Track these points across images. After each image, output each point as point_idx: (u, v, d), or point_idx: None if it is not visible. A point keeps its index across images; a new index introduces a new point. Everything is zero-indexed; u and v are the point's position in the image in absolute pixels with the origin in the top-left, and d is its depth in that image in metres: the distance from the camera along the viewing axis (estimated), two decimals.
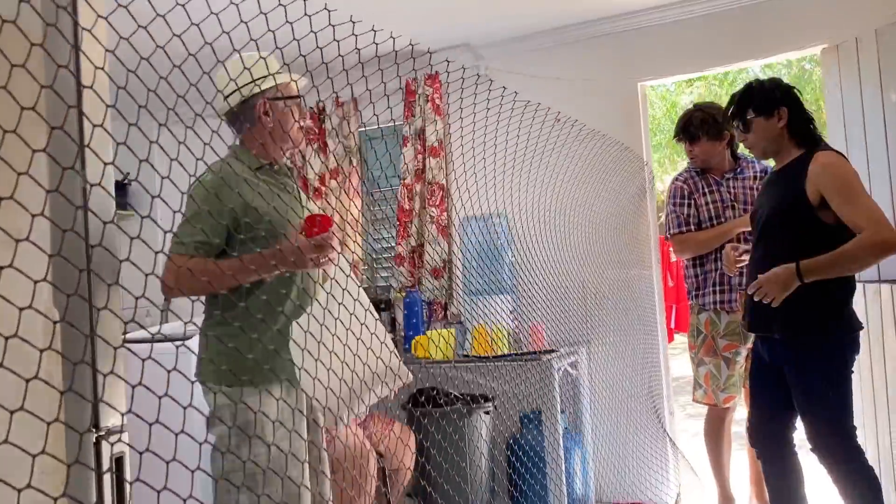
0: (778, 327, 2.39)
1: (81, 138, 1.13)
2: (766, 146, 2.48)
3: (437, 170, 3.96)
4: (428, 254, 3.98)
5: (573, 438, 3.50)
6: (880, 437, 2.93)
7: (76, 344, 1.08)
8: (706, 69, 3.65)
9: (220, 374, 1.84)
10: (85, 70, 1.11)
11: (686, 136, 3.17)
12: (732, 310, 3.09)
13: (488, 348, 3.11)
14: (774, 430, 2.50)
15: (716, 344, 3.12)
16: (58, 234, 1.02)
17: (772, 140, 2.45)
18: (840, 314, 2.33)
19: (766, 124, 2.44)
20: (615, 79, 3.66)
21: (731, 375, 3.09)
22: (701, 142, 3.13)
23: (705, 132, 3.10)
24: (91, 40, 1.08)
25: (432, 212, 3.96)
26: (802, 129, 2.43)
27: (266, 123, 1.99)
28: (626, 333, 3.62)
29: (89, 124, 1.12)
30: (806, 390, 2.34)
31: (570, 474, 3.35)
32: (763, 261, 2.45)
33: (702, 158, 3.16)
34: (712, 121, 3.10)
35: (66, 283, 1.04)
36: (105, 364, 1.15)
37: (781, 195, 2.43)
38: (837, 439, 2.31)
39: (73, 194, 1.10)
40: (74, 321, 1.06)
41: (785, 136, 2.44)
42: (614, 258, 3.59)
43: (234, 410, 1.84)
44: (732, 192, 3.12)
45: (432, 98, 3.96)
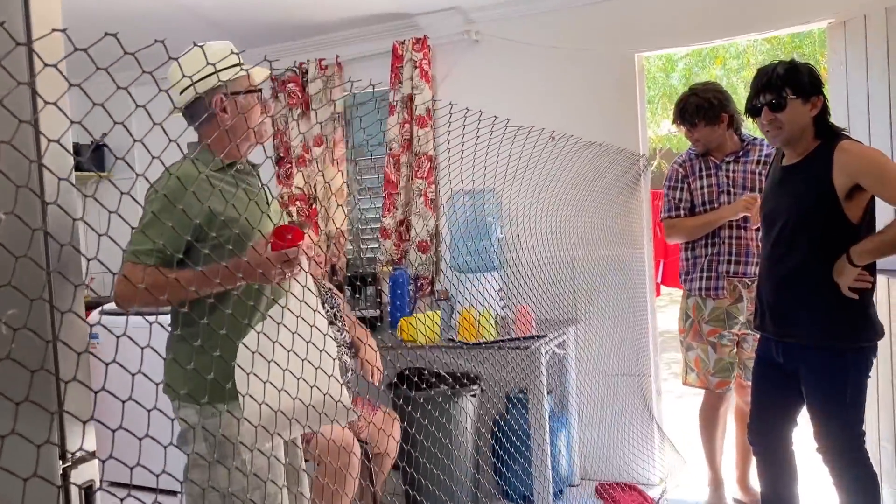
0: (799, 332, 2.33)
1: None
2: (794, 131, 2.30)
3: (424, 140, 3.82)
4: (415, 228, 3.87)
5: (559, 419, 3.47)
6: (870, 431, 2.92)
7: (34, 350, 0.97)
8: (707, 41, 3.50)
9: (193, 391, 1.75)
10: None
11: (683, 122, 3.07)
12: (718, 297, 3.04)
13: (475, 333, 3.04)
14: (777, 428, 2.48)
15: (701, 329, 3.08)
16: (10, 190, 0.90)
17: (800, 126, 2.29)
18: (865, 320, 2.26)
19: (801, 109, 2.27)
20: (612, 49, 3.51)
21: (721, 359, 3.05)
22: (699, 128, 3.03)
23: (702, 117, 3.00)
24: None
25: (420, 184, 3.84)
26: (826, 123, 2.32)
27: (224, 121, 1.85)
28: (616, 312, 3.56)
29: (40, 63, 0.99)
30: (822, 395, 2.30)
31: (555, 454, 3.34)
32: (782, 262, 2.36)
33: (703, 143, 3.07)
34: (708, 105, 2.98)
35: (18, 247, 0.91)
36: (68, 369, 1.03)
37: (803, 192, 2.31)
38: (848, 444, 2.29)
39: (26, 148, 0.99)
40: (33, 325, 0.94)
41: (811, 126, 2.30)
42: (605, 237, 3.51)
43: (209, 427, 1.77)
44: (731, 176, 3.02)
45: (420, 64, 3.79)
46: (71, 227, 1.07)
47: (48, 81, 1.03)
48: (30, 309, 0.93)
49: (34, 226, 0.95)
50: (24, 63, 1.05)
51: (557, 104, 3.64)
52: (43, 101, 0.99)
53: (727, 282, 3.02)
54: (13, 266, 0.88)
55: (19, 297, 0.89)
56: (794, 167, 2.37)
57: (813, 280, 2.28)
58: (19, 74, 1.00)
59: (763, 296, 2.44)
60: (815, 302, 2.28)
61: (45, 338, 1.00)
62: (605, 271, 3.55)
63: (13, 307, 0.91)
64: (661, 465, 3.58)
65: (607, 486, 3.48)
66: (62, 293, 1.07)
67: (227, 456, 1.75)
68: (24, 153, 0.97)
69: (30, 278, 0.98)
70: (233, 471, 1.73)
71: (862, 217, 2.23)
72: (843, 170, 2.21)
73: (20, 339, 0.90)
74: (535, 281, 3.39)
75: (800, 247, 2.30)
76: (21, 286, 0.89)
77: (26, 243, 0.94)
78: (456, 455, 3.27)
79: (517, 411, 3.38)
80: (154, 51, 1.11)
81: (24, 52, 1.03)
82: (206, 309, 1.66)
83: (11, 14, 1.02)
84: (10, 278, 0.88)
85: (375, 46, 3.96)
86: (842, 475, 2.31)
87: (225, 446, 1.75)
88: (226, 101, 1.85)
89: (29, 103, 1.05)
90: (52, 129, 1.04)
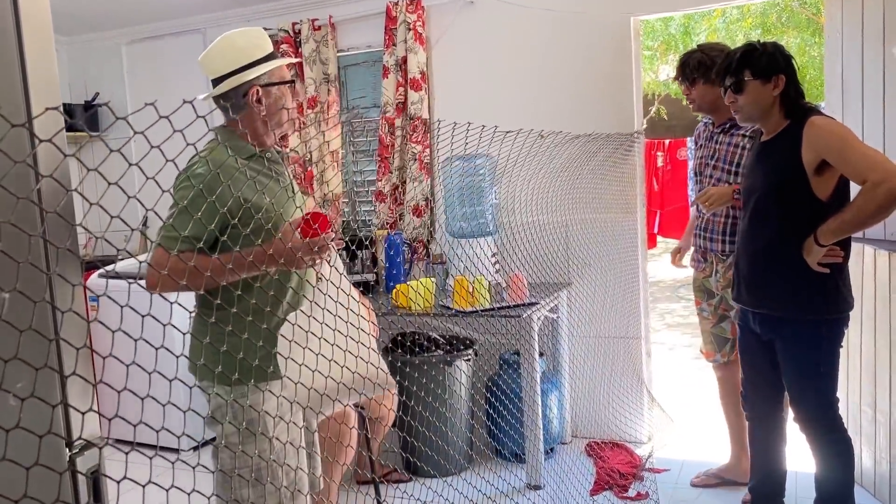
0: (772, 304, 2.40)
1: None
2: (753, 111, 2.39)
3: (419, 104, 3.81)
4: (409, 191, 3.89)
5: (551, 380, 3.56)
6: (850, 395, 3.01)
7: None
8: (705, 4, 3.46)
9: (220, 374, 1.80)
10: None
11: (683, 77, 2.98)
12: (697, 268, 3.08)
13: (469, 300, 3.10)
14: (768, 395, 2.57)
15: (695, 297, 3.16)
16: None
17: (762, 107, 2.36)
18: (837, 292, 2.32)
19: (762, 89, 2.35)
20: (607, 12, 3.47)
21: (704, 331, 3.11)
22: (697, 85, 2.93)
23: (701, 74, 2.90)
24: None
25: (415, 148, 3.84)
26: (793, 101, 2.35)
27: (259, 111, 1.89)
28: (607, 276, 3.61)
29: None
30: (797, 366, 2.38)
31: (546, 414, 3.44)
32: (756, 236, 2.42)
33: (698, 103, 2.98)
34: (710, 63, 2.85)
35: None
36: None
37: (772, 167, 2.37)
38: (822, 412, 2.38)
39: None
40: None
41: (776, 105, 2.36)
42: (599, 201, 3.54)
43: (235, 409, 1.84)
44: (717, 148, 2.97)
45: (414, 26, 3.75)
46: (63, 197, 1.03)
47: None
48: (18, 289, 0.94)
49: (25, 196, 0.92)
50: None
51: (552, 68, 3.62)
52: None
53: (703, 254, 3.05)
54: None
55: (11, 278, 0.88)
56: (767, 143, 2.43)
57: (784, 254, 2.34)
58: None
59: (739, 268, 2.52)
60: (787, 275, 2.34)
61: (48, 336, 1.02)
62: (598, 235, 3.59)
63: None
64: (648, 425, 3.69)
65: (596, 445, 3.59)
66: (62, 283, 1.06)
67: (266, 430, 1.83)
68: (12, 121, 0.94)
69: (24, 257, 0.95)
70: (270, 444, 1.82)
71: (833, 194, 2.26)
72: (811, 145, 2.25)
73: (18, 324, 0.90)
74: (529, 245, 3.43)
75: (771, 222, 2.36)
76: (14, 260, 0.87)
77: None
78: (450, 417, 3.36)
79: (510, 372, 3.47)
80: (149, 7, 1.11)
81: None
82: (239, 292, 1.69)
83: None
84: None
85: (369, 7, 3.90)
86: (818, 442, 2.41)
87: (265, 421, 1.83)
88: (262, 92, 1.89)
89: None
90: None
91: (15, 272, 0.87)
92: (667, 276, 9.50)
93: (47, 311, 1.05)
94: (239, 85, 1.87)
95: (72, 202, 1.05)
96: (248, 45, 1.88)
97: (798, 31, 7.94)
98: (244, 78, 1.86)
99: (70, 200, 1.04)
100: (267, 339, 1.76)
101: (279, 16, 4.09)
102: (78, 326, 1.13)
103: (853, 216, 2.18)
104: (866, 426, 2.92)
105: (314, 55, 4.01)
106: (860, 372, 2.94)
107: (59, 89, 1.10)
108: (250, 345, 1.74)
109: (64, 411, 1.13)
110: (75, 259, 1.09)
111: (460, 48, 3.78)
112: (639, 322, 3.65)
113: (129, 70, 4.63)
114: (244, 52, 1.87)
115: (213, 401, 1.88)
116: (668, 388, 4.30)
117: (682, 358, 5.86)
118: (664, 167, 7.66)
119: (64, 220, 1.00)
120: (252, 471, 1.84)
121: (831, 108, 3.13)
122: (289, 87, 1.95)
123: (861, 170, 2.15)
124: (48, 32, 1.07)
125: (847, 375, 2.98)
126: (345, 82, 4.17)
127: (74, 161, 0.94)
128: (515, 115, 3.68)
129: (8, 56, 1.00)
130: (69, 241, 1.07)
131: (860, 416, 2.95)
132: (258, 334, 1.75)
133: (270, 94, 1.90)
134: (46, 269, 1.03)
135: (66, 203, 1.04)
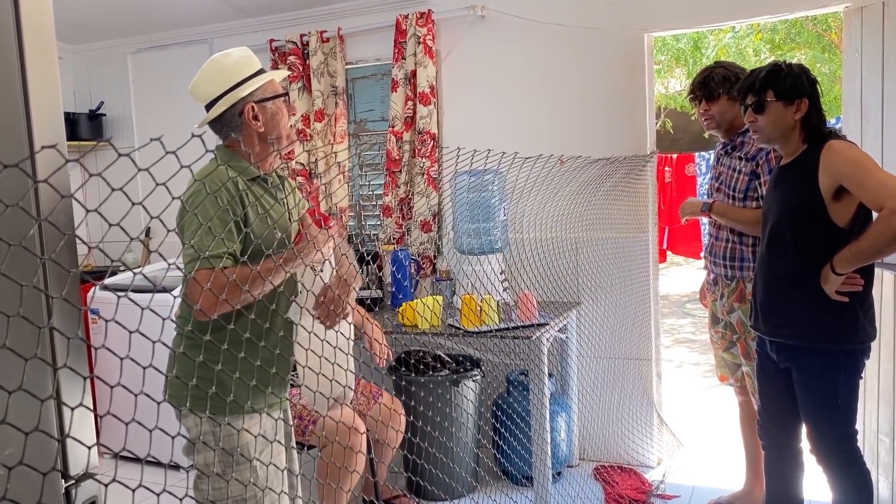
0: (788, 331, 2.33)
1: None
2: (772, 133, 2.33)
3: (428, 118, 3.76)
4: (417, 207, 3.83)
5: (559, 401, 3.49)
6: (868, 423, 2.93)
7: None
8: (720, 22, 3.40)
9: (204, 399, 1.72)
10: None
11: (704, 92, 2.84)
12: (709, 292, 3.01)
13: (476, 320, 3.03)
14: (784, 424, 2.49)
15: None
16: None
17: (781, 129, 2.31)
18: (856, 322, 2.24)
19: (784, 111, 2.29)
20: (621, 29, 3.41)
21: (716, 355, 3.04)
22: (720, 100, 2.81)
23: (727, 90, 2.78)
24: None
25: (423, 163, 3.78)
26: (814, 126, 2.29)
27: (256, 128, 1.85)
28: (618, 296, 3.55)
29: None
30: (814, 396, 2.31)
31: (555, 436, 3.37)
32: (772, 262, 2.36)
33: (717, 120, 2.85)
34: (735, 79, 2.76)
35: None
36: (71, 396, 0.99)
37: (789, 191, 2.31)
38: (839, 444, 2.31)
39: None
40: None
41: (796, 128, 2.30)
42: (610, 220, 3.48)
43: (219, 436, 1.77)
44: (720, 170, 2.89)
45: (424, 39, 3.70)
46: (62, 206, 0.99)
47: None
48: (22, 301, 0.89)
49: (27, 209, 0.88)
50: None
51: (564, 84, 3.56)
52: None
53: (714, 280, 2.98)
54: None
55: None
56: (786, 167, 2.37)
57: (801, 281, 2.27)
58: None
59: (756, 294, 2.46)
60: (803, 302, 2.27)
61: (47, 361, 0.97)
62: (610, 254, 3.53)
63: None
64: (658, 449, 3.62)
65: (606, 468, 3.52)
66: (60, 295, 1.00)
67: (250, 456, 1.79)
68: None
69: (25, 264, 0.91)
70: (253, 471, 1.78)
71: (852, 221, 2.20)
72: (828, 170, 2.19)
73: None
74: (538, 263, 3.37)
75: (788, 248, 2.30)
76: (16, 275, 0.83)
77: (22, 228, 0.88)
78: (457, 436, 3.29)
79: (518, 393, 3.40)
80: (155, 17, 1.07)
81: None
82: (233, 316, 1.63)
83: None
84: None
85: (378, 19, 3.86)
86: (835, 474, 2.33)
87: (248, 447, 1.80)
88: (256, 109, 1.85)
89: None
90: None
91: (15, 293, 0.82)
92: (673, 291, 9.44)
93: (44, 320, 0.99)
94: (233, 104, 1.83)
95: (71, 211, 1.00)
96: (234, 63, 1.84)
97: (808, 47, 7.90)
98: (237, 96, 1.82)
99: (69, 210, 0.99)
100: (263, 360, 1.74)
101: (288, 27, 4.05)
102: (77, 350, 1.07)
103: (869, 244, 2.11)
104: (884, 455, 2.85)
105: (322, 67, 3.96)
106: (878, 400, 2.87)
107: (60, 98, 1.07)
108: (244, 368, 1.70)
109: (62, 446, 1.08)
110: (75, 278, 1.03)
111: (470, 62, 3.73)
112: (649, 343, 3.58)
113: (135, 79, 4.58)
114: (232, 71, 1.84)
115: (192, 429, 1.83)
116: (676, 409, 4.22)
117: (690, 376, 5.79)
118: (672, 183, 7.61)
119: (59, 231, 0.95)
120: (232, 501, 1.78)
121: (849, 126, 3.08)
122: (283, 101, 1.91)
123: (878, 196, 2.08)
124: (51, 42, 1.02)
125: (864, 403, 2.91)
126: (352, 95, 4.12)
127: (77, 171, 0.90)
128: (526, 132, 3.63)
129: (9, 66, 0.96)
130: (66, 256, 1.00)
131: (878, 445, 2.88)
132: (252, 365, 1.72)
133: (266, 109, 1.86)
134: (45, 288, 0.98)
135: (65, 211, 0.99)
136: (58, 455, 0.94)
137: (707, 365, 6.00)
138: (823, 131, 2.29)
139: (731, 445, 3.36)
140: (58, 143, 0.98)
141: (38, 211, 0.93)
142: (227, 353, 1.65)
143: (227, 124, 1.86)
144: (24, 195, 0.86)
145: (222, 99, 1.82)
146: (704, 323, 7.95)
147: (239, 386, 1.72)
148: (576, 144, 3.43)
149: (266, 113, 1.86)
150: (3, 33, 0.95)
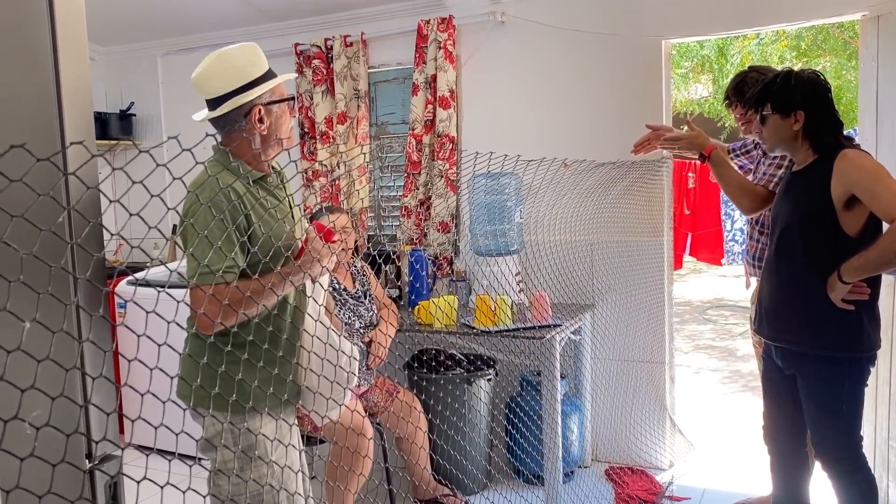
0: (792, 337, 2.35)
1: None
2: (776, 143, 2.37)
3: (447, 122, 3.83)
4: (435, 208, 3.90)
5: (572, 402, 3.53)
6: (878, 430, 2.94)
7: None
8: (737, 29, 3.43)
9: (221, 400, 1.77)
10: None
11: (738, 97, 2.89)
12: None
13: (491, 319, 3.09)
14: (789, 430, 2.51)
15: None
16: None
17: (783, 140, 2.34)
18: (861, 330, 2.24)
19: (782, 123, 2.32)
20: (639, 35, 3.46)
21: (757, 357, 3.03)
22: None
23: None
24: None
25: (441, 165, 3.86)
26: (819, 135, 2.29)
27: (260, 130, 1.86)
28: (632, 299, 3.59)
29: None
30: (818, 403, 2.32)
31: (567, 436, 3.41)
32: (779, 269, 2.38)
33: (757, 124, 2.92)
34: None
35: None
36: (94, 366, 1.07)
37: (801, 200, 2.32)
38: (844, 451, 2.31)
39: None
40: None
41: (799, 139, 2.32)
42: (625, 223, 3.51)
43: (236, 435, 1.81)
44: (759, 175, 2.96)
45: (445, 44, 3.78)
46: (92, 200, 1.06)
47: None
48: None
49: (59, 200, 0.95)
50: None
51: (582, 89, 3.62)
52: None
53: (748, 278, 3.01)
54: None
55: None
56: (797, 174, 2.38)
57: (807, 289, 2.28)
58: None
59: (762, 299, 2.47)
60: (808, 309, 2.28)
61: (74, 336, 1.04)
62: (624, 257, 3.57)
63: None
64: (670, 451, 3.64)
65: (617, 470, 3.55)
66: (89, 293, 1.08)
67: (266, 455, 1.83)
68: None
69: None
70: (270, 469, 1.82)
71: (863, 230, 2.20)
72: (840, 179, 2.19)
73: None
74: (553, 265, 3.42)
75: (796, 254, 2.31)
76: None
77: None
78: (470, 435, 3.35)
79: (531, 393, 3.45)
80: (185, 20, 1.14)
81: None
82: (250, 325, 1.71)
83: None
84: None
85: (400, 24, 3.94)
86: (840, 481, 2.33)
87: (265, 446, 1.83)
88: (263, 111, 1.86)
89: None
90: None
91: (45, 278, 0.90)
92: (695, 297, 9.40)
93: (73, 320, 1.08)
94: (240, 105, 1.83)
95: (98, 202, 1.08)
96: (246, 63, 1.83)
97: (834, 54, 7.85)
98: (246, 98, 1.82)
99: (96, 201, 1.07)
100: (273, 362, 1.77)
101: (313, 31, 4.15)
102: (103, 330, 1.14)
103: (878, 255, 2.11)
104: (893, 461, 2.86)
105: (345, 71, 4.05)
106: (888, 407, 2.87)
107: (90, 98, 1.14)
108: (257, 370, 1.74)
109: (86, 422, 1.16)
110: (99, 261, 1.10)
111: (490, 67, 3.80)
112: (663, 346, 3.61)
113: (165, 81, 4.72)
114: (244, 70, 1.83)
115: (209, 427, 1.86)
116: (690, 413, 4.24)
117: (708, 382, 5.78)
118: (696, 188, 7.59)
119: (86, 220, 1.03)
120: (251, 497, 1.82)
121: (864, 134, 3.09)
122: (288, 104, 1.92)
123: (890, 208, 2.08)
124: (83, 44, 1.10)
125: (875, 410, 2.92)
126: (374, 98, 4.21)
127: (108, 167, 0.97)
128: (543, 136, 3.68)
129: (44, 65, 1.04)
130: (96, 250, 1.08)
131: (887, 451, 2.89)
132: (273, 362, 1.77)
133: (272, 112, 1.87)
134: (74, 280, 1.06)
135: (93, 204, 1.07)
136: (80, 418, 1.02)
137: (726, 371, 5.99)
138: (833, 140, 2.29)
139: (744, 450, 3.38)
140: (86, 140, 1.06)
141: (67, 200, 1.01)
142: (236, 355, 1.70)
143: (229, 122, 1.86)
144: (54, 185, 0.94)
145: (232, 98, 1.82)
146: (725, 329, 7.97)
147: (255, 389, 1.74)
148: (592, 149, 3.47)
149: (271, 115, 1.87)
150: (39, 36, 1.03)
